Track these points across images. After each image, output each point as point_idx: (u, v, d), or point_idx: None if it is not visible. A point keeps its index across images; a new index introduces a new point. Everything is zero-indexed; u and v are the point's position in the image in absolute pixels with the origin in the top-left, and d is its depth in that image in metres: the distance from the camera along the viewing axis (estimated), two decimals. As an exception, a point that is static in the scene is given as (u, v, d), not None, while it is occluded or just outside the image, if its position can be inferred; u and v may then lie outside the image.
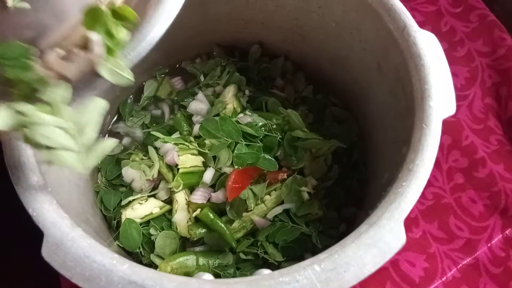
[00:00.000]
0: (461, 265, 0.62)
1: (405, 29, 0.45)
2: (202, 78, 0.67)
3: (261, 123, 0.58)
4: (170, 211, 0.57)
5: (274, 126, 0.59)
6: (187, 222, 0.56)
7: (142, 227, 0.56)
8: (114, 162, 0.60)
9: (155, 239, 0.55)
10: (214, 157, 0.57)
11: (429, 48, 0.44)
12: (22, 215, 0.38)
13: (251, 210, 0.55)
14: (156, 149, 0.59)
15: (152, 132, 0.59)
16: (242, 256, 0.55)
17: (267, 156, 0.57)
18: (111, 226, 0.56)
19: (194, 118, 0.63)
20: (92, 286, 0.35)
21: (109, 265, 0.35)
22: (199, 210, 0.55)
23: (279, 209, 0.56)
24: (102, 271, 0.35)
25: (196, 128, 0.60)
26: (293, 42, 0.63)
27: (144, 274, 0.35)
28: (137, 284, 0.35)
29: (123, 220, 0.55)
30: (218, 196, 0.56)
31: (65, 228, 0.37)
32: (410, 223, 0.63)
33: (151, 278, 0.35)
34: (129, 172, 0.58)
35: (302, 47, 0.63)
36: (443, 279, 0.60)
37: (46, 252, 0.36)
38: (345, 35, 0.55)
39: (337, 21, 0.54)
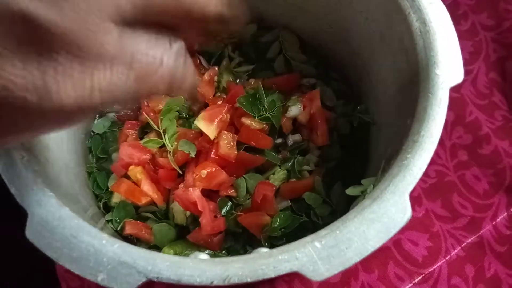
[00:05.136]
0: (465, 243, 0.60)
1: (408, -7, 0.42)
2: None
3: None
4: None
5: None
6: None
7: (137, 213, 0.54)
8: (102, 141, 0.58)
9: (151, 223, 0.53)
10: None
11: (434, 13, 0.42)
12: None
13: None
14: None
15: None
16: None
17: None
18: (102, 207, 0.54)
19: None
20: (80, 268, 0.33)
21: (98, 245, 0.33)
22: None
23: (285, 204, 0.54)
24: (91, 251, 0.33)
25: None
26: (292, 15, 0.60)
27: (135, 254, 0.33)
28: (128, 265, 0.33)
29: (113, 199, 0.53)
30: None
31: (50, 208, 0.35)
32: (413, 202, 0.62)
33: (143, 257, 0.33)
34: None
35: (301, 20, 0.60)
36: (447, 258, 0.59)
37: (31, 233, 0.34)
38: (345, 4, 0.52)
39: (337, -10, 0.52)
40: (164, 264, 0.33)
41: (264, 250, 0.35)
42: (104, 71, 0.25)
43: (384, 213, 0.34)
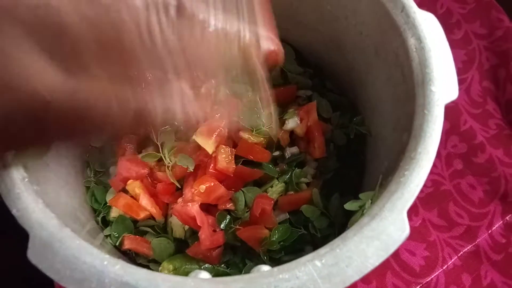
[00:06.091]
0: (461, 252, 0.61)
1: (403, 9, 0.43)
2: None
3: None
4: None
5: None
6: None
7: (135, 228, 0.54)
8: (100, 155, 0.58)
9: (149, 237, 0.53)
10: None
11: (429, 29, 0.42)
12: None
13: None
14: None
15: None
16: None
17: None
18: (100, 222, 0.54)
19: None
20: (82, 289, 0.33)
21: (100, 266, 0.34)
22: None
23: (283, 216, 0.54)
24: (93, 272, 0.33)
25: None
26: (287, 28, 0.60)
27: (137, 275, 0.33)
28: (130, 285, 0.33)
29: (112, 214, 0.53)
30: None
31: (52, 229, 0.35)
32: (409, 211, 0.60)
33: (144, 278, 0.33)
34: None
35: (296, 32, 0.61)
36: (444, 267, 0.60)
37: (33, 254, 0.34)
38: (341, 18, 0.52)
39: (333, 4, 0.52)
40: (166, 284, 0.33)
41: (265, 268, 0.35)
42: None
43: (383, 231, 0.34)
